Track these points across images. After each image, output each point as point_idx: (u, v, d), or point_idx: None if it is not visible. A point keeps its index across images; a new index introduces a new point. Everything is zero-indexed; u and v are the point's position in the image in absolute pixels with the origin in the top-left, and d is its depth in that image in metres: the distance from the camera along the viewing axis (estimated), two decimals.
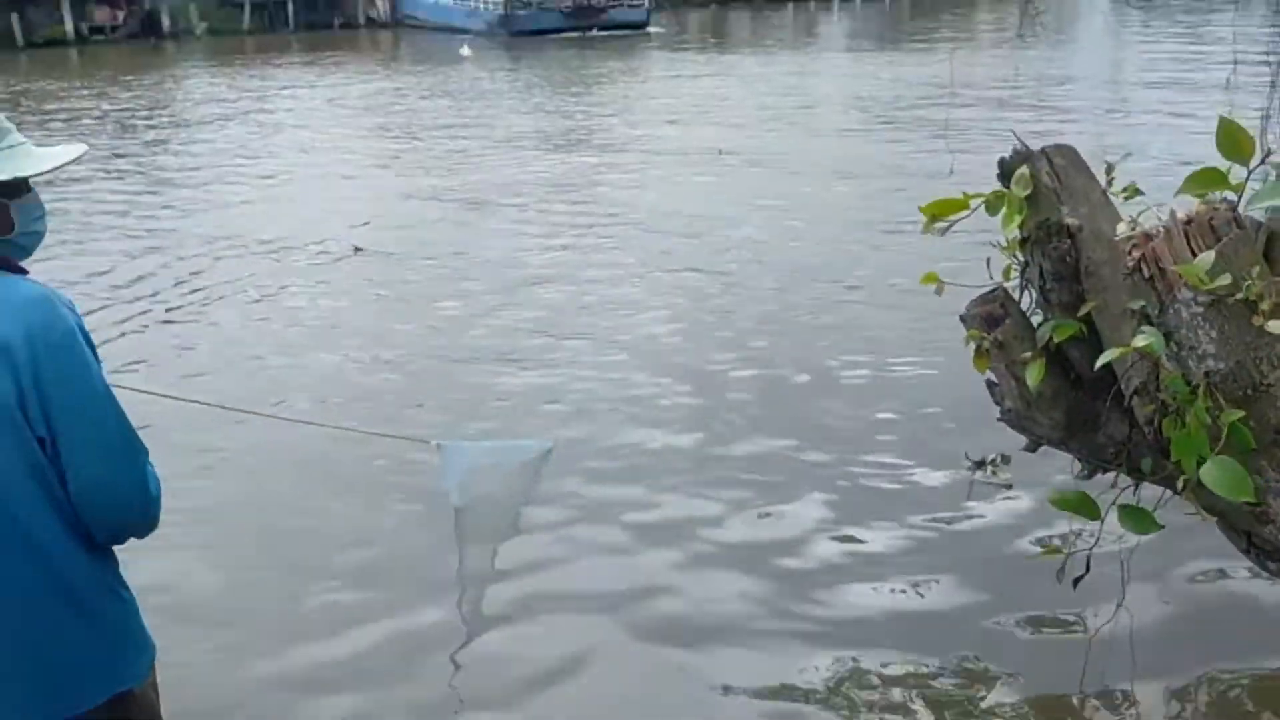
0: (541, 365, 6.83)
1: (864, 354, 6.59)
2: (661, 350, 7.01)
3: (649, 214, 10.95)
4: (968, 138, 13.64)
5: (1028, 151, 2.11)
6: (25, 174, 1.94)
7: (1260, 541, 2.06)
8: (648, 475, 5.27)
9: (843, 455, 5.30)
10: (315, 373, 6.88)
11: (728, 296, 8.08)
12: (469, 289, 8.53)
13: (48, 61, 34.21)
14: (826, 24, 45.52)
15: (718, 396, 6.20)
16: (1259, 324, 1.71)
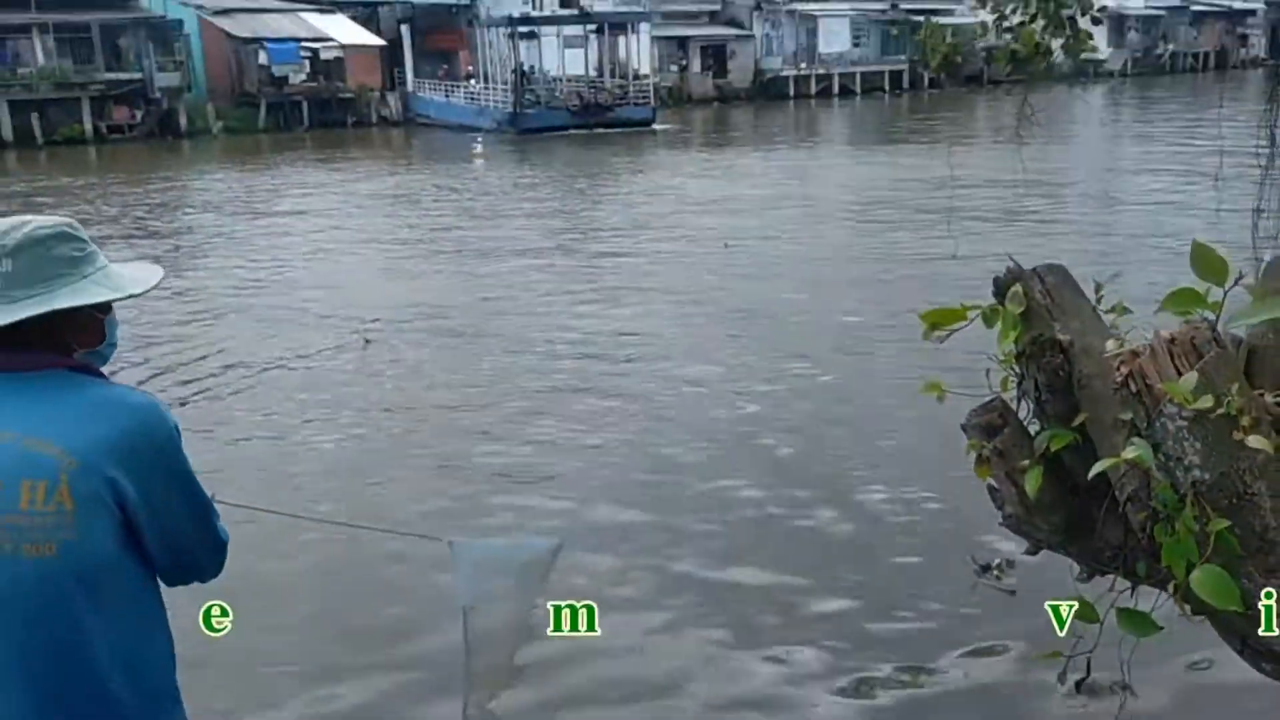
0: (550, 460, 6.95)
1: (878, 464, 6.64)
2: (664, 447, 7.12)
3: (657, 310, 11.15)
4: (967, 225, 13.92)
5: (1020, 270, 2.24)
6: (124, 295, 2.09)
7: (1255, 643, 2.15)
8: (656, 575, 5.32)
9: (853, 562, 5.36)
10: (325, 467, 7.00)
11: (731, 404, 8.18)
12: (476, 383, 8.70)
13: (67, 159, 35.04)
14: (827, 120, 46.47)
15: (723, 496, 6.29)
16: (1239, 438, 1.82)
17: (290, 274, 14.31)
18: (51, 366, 2.00)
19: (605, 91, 43.98)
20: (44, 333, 1.98)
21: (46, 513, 1.89)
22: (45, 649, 1.93)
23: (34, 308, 1.95)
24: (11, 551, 1.89)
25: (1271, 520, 1.91)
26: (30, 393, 1.95)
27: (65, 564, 1.91)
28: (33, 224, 2.02)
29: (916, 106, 50.70)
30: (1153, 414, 1.94)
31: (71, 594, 1.93)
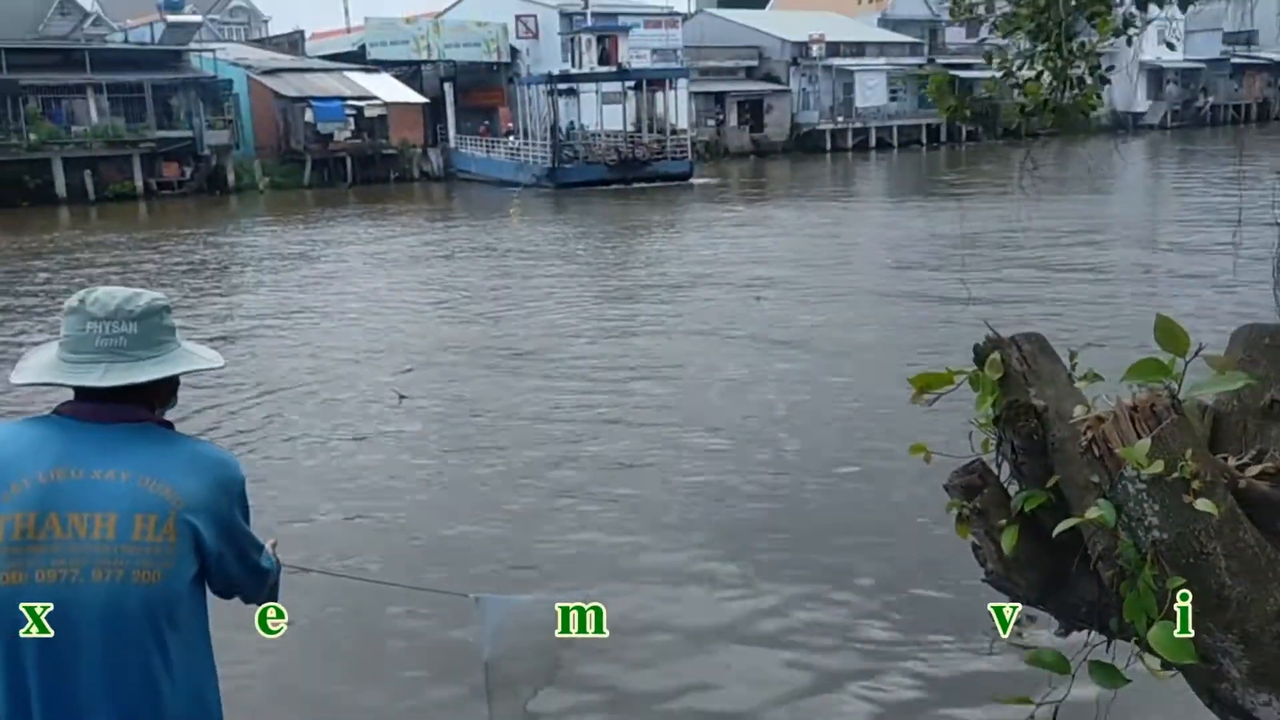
0: (580, 519, 7.06)
1: (891, 512, 6.75)
2: (699, 506, 7.21)
3: (689, 366, 11.29)
4: (1001, 279, 13.98)
5: (999, 339, 2.37)
6: (219, 365, 2.51)
7: (1222, 696, 2.24)
8: (684, 634, 5.39)
9: (866, 614, 5.44)
10: (356, 522, 7.16)
11: (764, 455, 8.29)
12: (508, 439, 8.84)
13: (117, 214, 35.98)
14: (863, 174, 46.67)
15: (752, 554, 6.38)
16: (1189, 501, 1.94)
17: (329, 326, 14.63)
18: (144, 420, 2.30)
19: (643, 146, 44.53)
20: (142, 388, 2.28)
21: (155, 543, 2.17)
22: (141, 660, 2.19)
23: (158, 369, 2.29)
24: (122, 579, 2.15)
25: (1226, 579, 2.02)
26: (137, 441, 2.25)
27: (165, 589, 2.20)
28: (148, 295, 2.34)
29: (953, 160, 50.87)
30: (1115, 477, 2.06)
31: (163, 619, 2.21)
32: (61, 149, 41.31)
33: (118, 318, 2.26)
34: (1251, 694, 2.10)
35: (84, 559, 2.13)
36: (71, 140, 41.67)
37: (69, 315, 2.28)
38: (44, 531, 2.13)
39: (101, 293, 2.30)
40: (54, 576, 2.12)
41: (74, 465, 2.18)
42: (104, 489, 2.17)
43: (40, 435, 2.23)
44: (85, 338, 2.25)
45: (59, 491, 2.15)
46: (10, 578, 2.11)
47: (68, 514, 2.14)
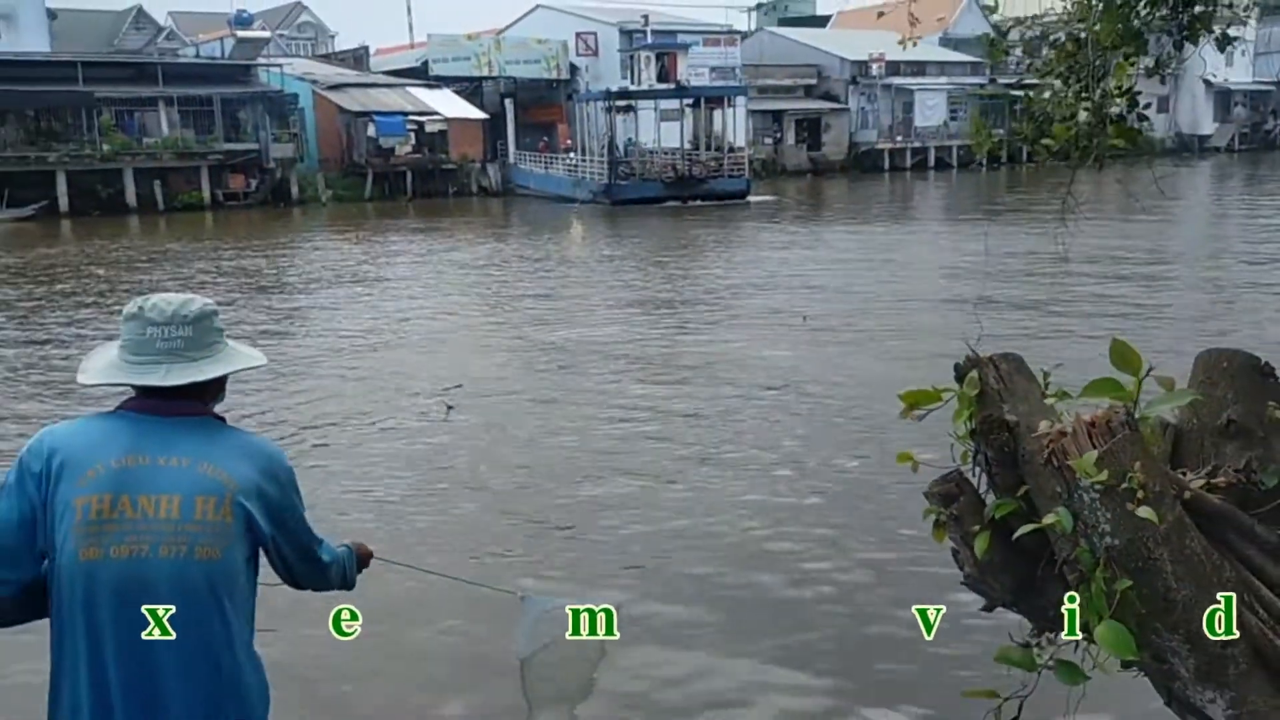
0: (624, 523, 7.26)
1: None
2: (741, 516, 7.36)
3: (740, 379, 11.47)
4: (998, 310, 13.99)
5: (978, 358, 2.54)
6: (263, 363, 2.73)
7: (1178, 695, 2.40)
8: (720, 640, 5.47)
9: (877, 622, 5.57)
10: (403, 523, 7.42)
11: (808, 463, 8.45)
12: (557, 453, 9.05)
13: (185, 224, 36.96)
14: (922, 194, 46.43)
15: (785, 562, 6.53)
16: (1132, 509, 2.11)
17: (384, 337, 14.99)
18: (201, 414, 2.57)
19: (699, 164, 44.55)
20: (198, 386, 2.54)
21: (214, 523, 2.44)
22: (204, 632, 2.44)
23: (214, 368, 2.57)
24: (186, 555, 2.42)
25: (1173, 582, 2.18)
26: (196, 432, 2.52)
27: (226, 565, 2.46)
28: (199, 300, 2.60)
29: (1013, 181, 50.41)
30: (1072, 487, 2.23)
31: (223, 593, 2.47)
32: (133, 160, 42.52)
33: (174, 322, 2.50)
34: (1199, 691, 2.26)
35: (153, 536, 2.39)
36: (143, 151, 42.88)
37: (128, 321, 2.52)
38: (117, 511, 2.39)
39: (158, 299, 2.54)
40: (126, 552, 2.39)
41: (142, 453, 2.44)
42: (169, 474, 2.42)
43: (111, 427, 2.49)
44: (146, 341, 2.49)
45: (130, 476, 2.41)
46: (89, 553, 2.38)
47: (138, 496, 2.40)
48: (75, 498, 2.39)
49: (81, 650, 2.40)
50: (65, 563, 2.39)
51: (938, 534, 2.58)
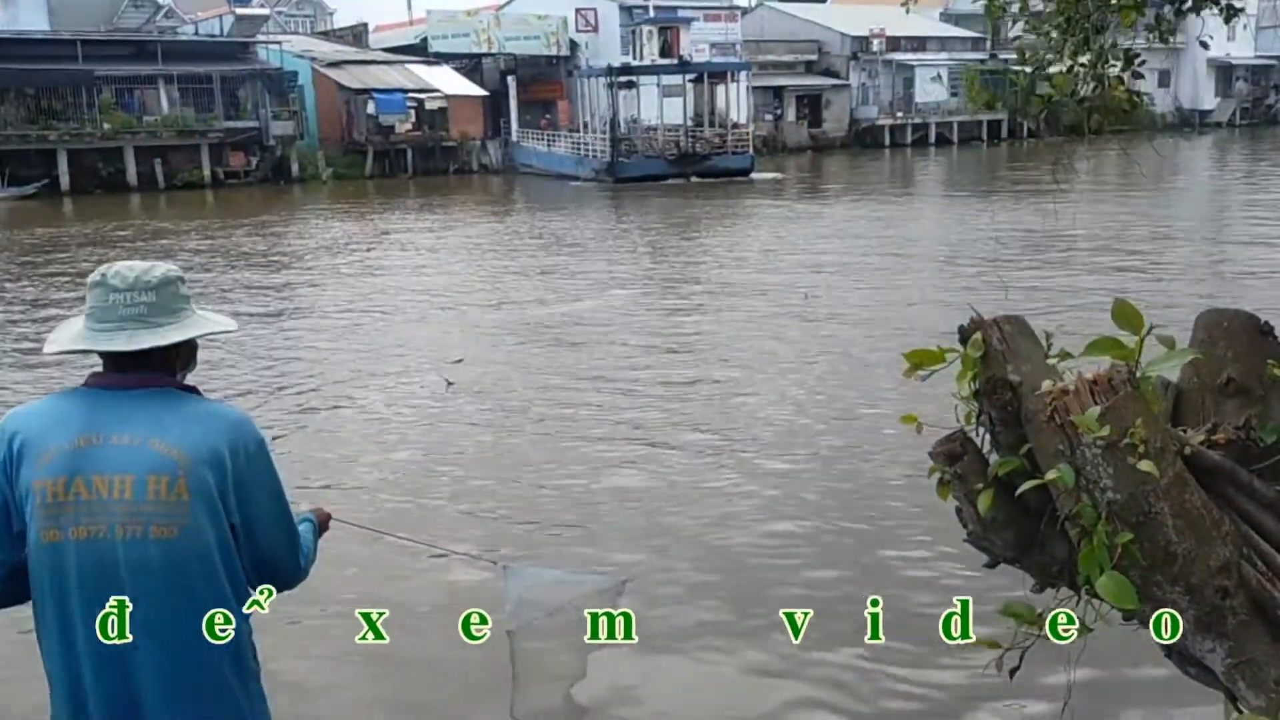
0: (623, 496, 7.30)
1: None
2: (736, 485, 7.43)
3: (740, 356, 11.50)
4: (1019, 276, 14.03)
5: (982, 320, 2.58)
6: (234, 328, 2.70)
7: (1177, 647, 2.45)
8: (722, 620, 5.47)
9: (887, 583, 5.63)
10: (396, 496, 7.42)
11: (803, 439, 8.50)
12: (556, 426, 9.07)
13: (186, 202, 36.96)
14: (924, 170, 46.26)
15: (786, 534, 6.57)
16: (1132, 463, 2.15)
17: (385, 313, 15.03)
18: (162, 385, 2.50)
19: (703, 140, 44.23)
20: (164, 354, 2.49)
21: (169, 501, 2.38)
22: (170, 613, 2.41)
23: (177, 333, 2.50)
24: (141, 535, 2.38)
25: (1173, 535, 2.22)
26: (148, 405, 2.45)
27: (185, 545, 2.41)
28: (163, 266, 2.54)
29: (1014, 156, 50.31)
30: (1074, 443, 2.27)
31: (191, 569, 2.42)
32: (133, 138, 42.47)
33: (137, 288, 2.44)
34: (1198, 642, 2.31)
35: (109, 517, 2.37)
36: (143, 129, 42.82)
37: (93, 289, 2.47)
38: (72, 494, 2.37)
39: (121, 266, 2.49)
40: (84, 534, 2.37)
41: (96, 432, 2.39)
42: (121, 453, 2.38)
43: (69, 406, 2.46)
44: (109, 308, 2.44)
45: (84, 457, 2.38)
46: (50, 535, 2.38)
47: (92, 476, 2.37)
48: (34, 480, 2.38)
49: (54, 630, 2.42)
50: (32, 546, 2.40)
51: (942, 492, 2.62)
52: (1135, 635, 2.68)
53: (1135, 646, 2.82)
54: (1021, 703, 4.09)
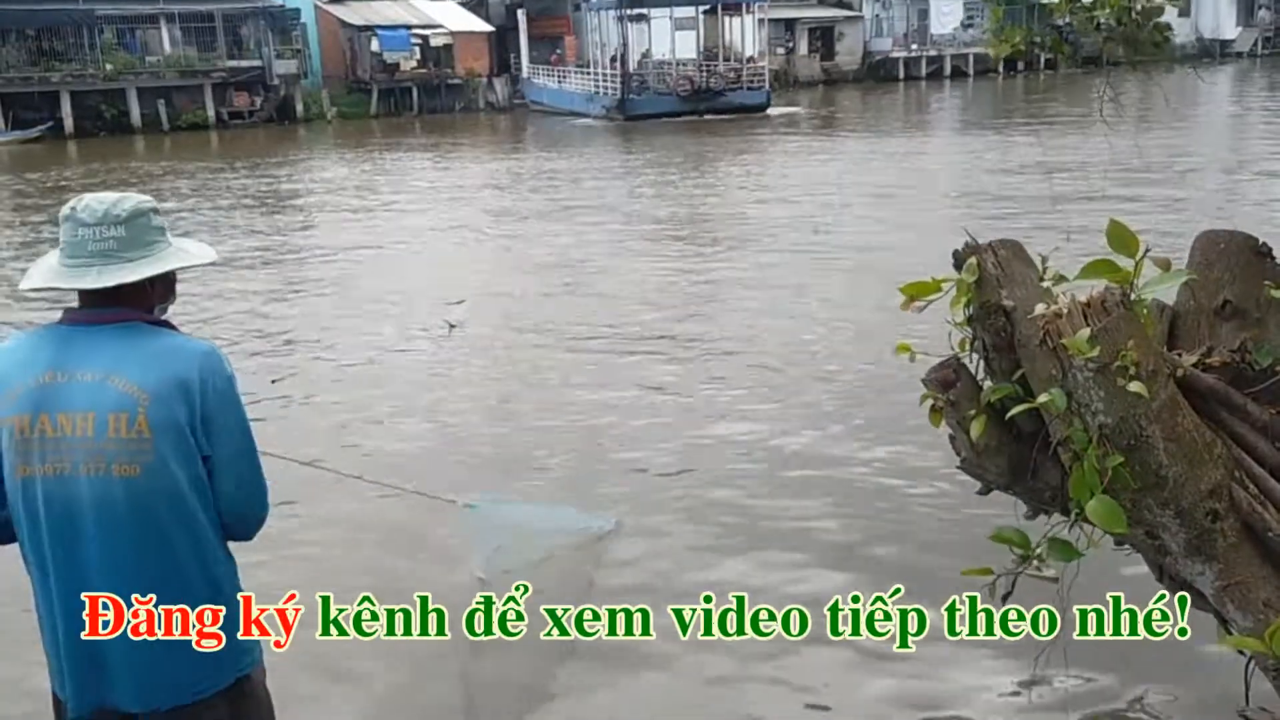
0: (622, 436, 7.21)
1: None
2: (745, 431, 7.30)
3: (751, 296, 11.42)
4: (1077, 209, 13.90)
5: (977, 245, 2.54)
6: (211, 260, 2.62)
7: (1169, 571, 2.44)
8: (724, 559, 5.31)
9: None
10: (385, 438, 7.35)
11: (814, 376, 8.40)
12: (559, 366, 8.94)
13: (190, 144, 36.76)
14: (942, 104, 45.52)
15: (788, 472, 6.50)
16: (1123, 385, 2.12)
17: (389, 254, 14.93)
18: (131, 320, 2.45)
19: (717, 75, 42.80)
20: (137, 289, 2.44)
21: (129, 439, 2.35)
22: (137, 548, 2.40)
23: (149, 267, 2.44)
24: (104, 472, 2.36)
25: (1164, 458, 2.21)
26: (114, 341, 2.41)
27: (148, 482, 2.38)
28: (134, 198, 2.48)
29: (1031, 89, 49.59)
30: (1066, 367, 2.24)
31: (155, 506, 2.40)
32: (136, 79, 42.13)
33: (106, 222, 2.39)
34: (1188, 564, 2.31)
35: (73, 455, 2.35)
36: (146, 70, 42.46)
37: (63, 223, 2.43)
38: (37, 431, 2.36)
39: (90, 199, 2.43)
40: (52, 470, 2.37)
41: (61, 369, 2.37)
42: (83, 390, 2.35)
43: (39, 343, 2.44)
44: (79, 243, 2.40)
45: (48, 394, 2.36)
46: (22, 470, 2.39)
47: (56, 414, 2.35)
48: (3, 418, 2.38)
49: (33, 562, 2.45)
50: (7, 480, 2.41)
51: (934, 418, 2.60)
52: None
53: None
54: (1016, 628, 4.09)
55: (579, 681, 4.27)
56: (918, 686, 4.17)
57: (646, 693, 4.22)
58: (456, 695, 4.27)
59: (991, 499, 2.76)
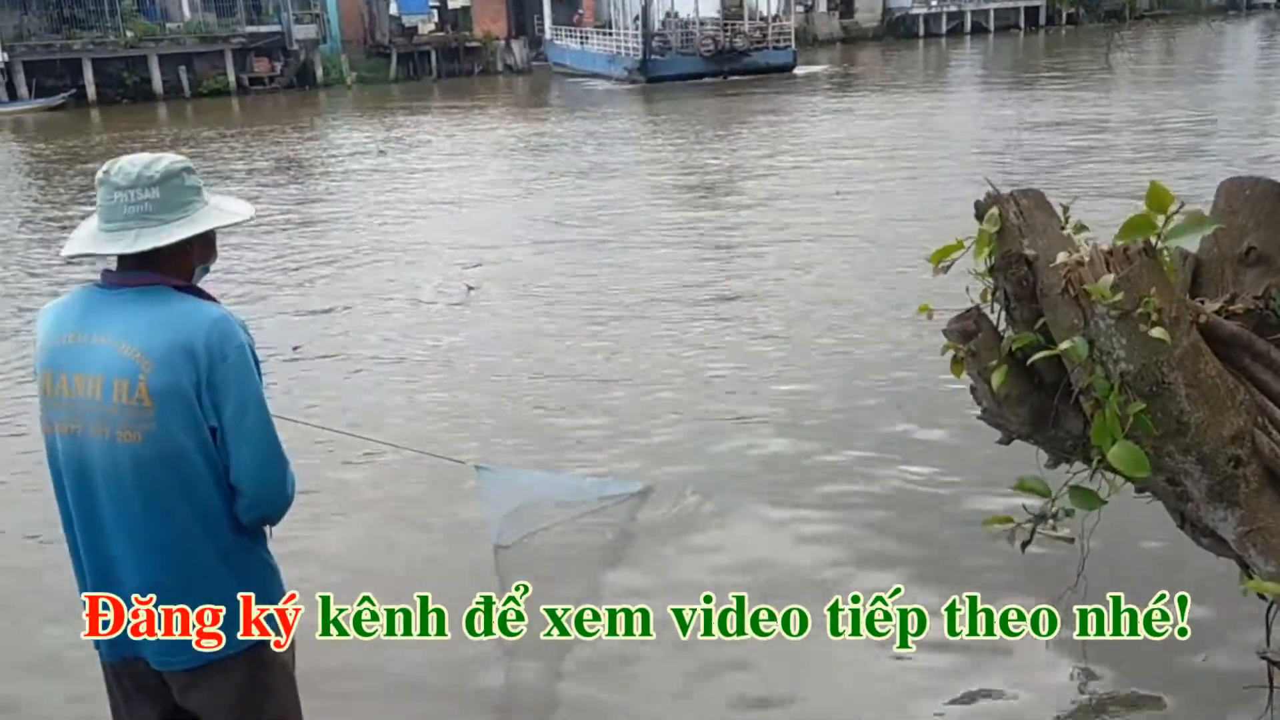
0: (643, 402, 7.14)
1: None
2: (763, 390, 7.25)
3: (759, 268, 11.35)
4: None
5: (999, 195, 2.54)
6: (249, 216, 2.58)
7: (1191, 518, 2.46)
8: (746, 532, 5.23)
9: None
10: (393, 398, 7.41)
11: (834, 338, 8.32)
12: (578, 328, 8.92)
13: (212, 110, 36.76)
14: (970, 61, 44.90)
15: (807, 430, 6.44)
16: (1144, 331, 2.13)
17: (410, 218, 14.92)
18: (156, 284, 2.42)
19: (742, 35, 41.70)
20: (178, 249, 2.42)
21: (129, 406, 2.35)
22: (143, 512, 2.41)
23: (185, 229, 2.41)
24: (110, 436, 2.37)
25: (1186, 405, 2.21)
26: (130, 306, 2.40)
27: (150, 449, 2.37)
28: (167, 159, 2.45)
29: (1053, 44, 48.91)
30: (1088, 315, 2.25)
31: (159, 477, 2.38)
32: (157, 45, 42.13)
33: (139, 184, 2.37)
34: (1210, 510, 2.32)
35: (85, 416, 2.38)
36: (166, 36, 42.44)
37: (99, 186, 2.42)
38: (58, 389, 2.40)
39: (124, 161, 2.41)
40: (68, 430, 2.41)
41: (82, 330, 2.39)
42: (97, 353, 2.36)
43: (74, 302, 2.46)
44: (114, 206, 2.38)
45: (68, 354, 2.39)
46: (48, 427, 2.46)
47: (72, 374, 2.39)
48: (36, 372, 2.47)
49: (61, 514, 2.51)
50: (43, 433, 2.48)
51: (955, 369, 2.62)
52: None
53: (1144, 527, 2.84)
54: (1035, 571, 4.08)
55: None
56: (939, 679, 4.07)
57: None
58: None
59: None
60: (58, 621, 4.41)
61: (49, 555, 4.51)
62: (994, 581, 4.42)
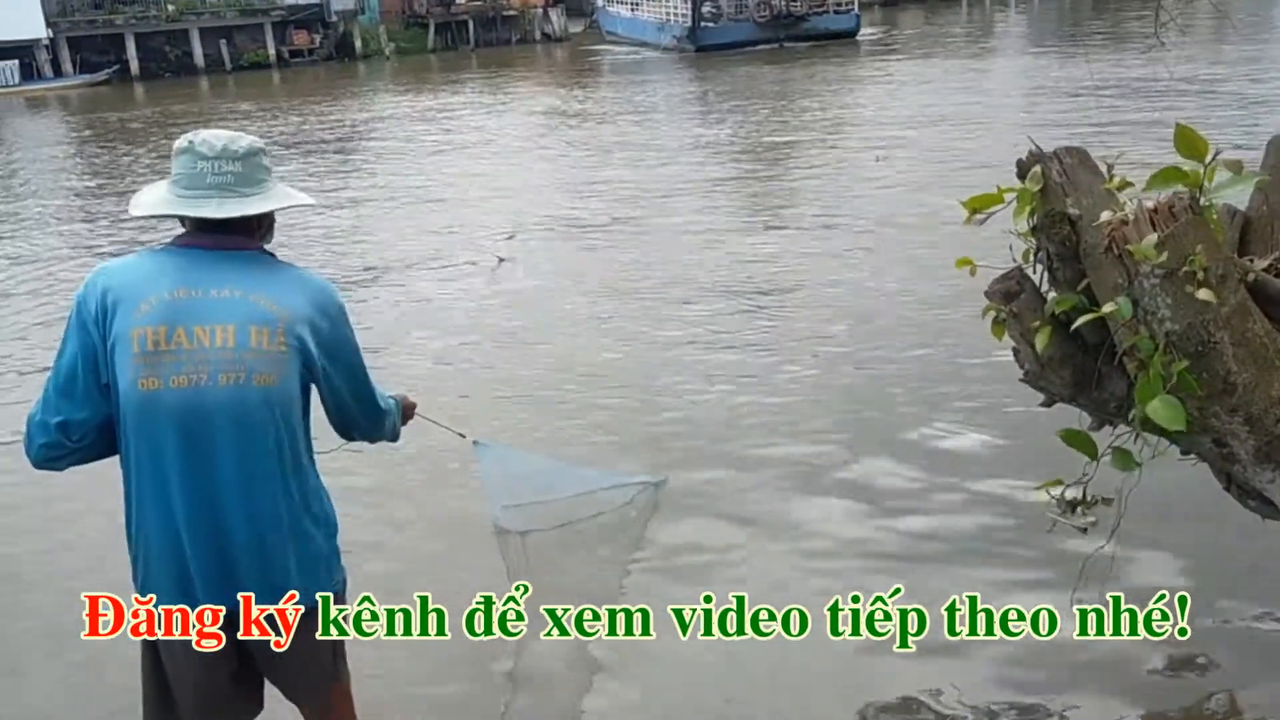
0: (669, 382, 6.92)
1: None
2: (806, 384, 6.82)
3: (799, 244, 11.22)
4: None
5: (1041, 153, 2.50)
6: (297, 204, 2.71)
7: (1238, 480, 2.42)
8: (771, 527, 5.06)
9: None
10: (424, 371, 7.37)
11: (872, 324, 7.91)
12: (610, 307, 8.70)
13: (253, 83, 37.02)
14: (1004, 23, 44.11)
15: (837, 421, 6.12)
16: (1190, 291, 2.09)
17: (446, 188, 14.92)
18: (251, 248, 2.61)
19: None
20: (246, 221, 2.58)
21: (269, 351, 2.49)
22: (259, 457, 2.52)
23: (263, 203, 2.59)
24: (243, 382, 2.48)
25: (1233, 365, 2.17)
26: (246, 266, 2.57)
27: (281, 393, 2.53)
28: (249, 138, 2.61)
29: (1102, 4, 47.80)
30: (1133, 274, 2.21)
31: (281, 419, 2.54)
32: (198, 19, 42.47)
33: (225, 157, 2.52)
34: (1258, 472, 2.28)
35: (211, 365, 2.45)
36: (207, 10, 42.78)
37: (180, 155, 2.54)
38: (174, 343, 2.43)
39: (208, 134, 2.55)
40: (186, 381, 2.44)
41: (194, 286, 2.48)
42: (222, 305, 2.47)
43: (161, 263, 2.54)
44: (197, 175, 2.51)
45: (184, 307, 2.45)
46: (148, 383, 2.45)
47: (193, 327, 2.44)
48: (131, 329, 2.44)
49: (146, 477, 2.50)
50: (126, 393, 2.46)
51: (997, 331, 2.59)
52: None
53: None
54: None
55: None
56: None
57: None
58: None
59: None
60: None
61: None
62: (994, 581, 4.37)
